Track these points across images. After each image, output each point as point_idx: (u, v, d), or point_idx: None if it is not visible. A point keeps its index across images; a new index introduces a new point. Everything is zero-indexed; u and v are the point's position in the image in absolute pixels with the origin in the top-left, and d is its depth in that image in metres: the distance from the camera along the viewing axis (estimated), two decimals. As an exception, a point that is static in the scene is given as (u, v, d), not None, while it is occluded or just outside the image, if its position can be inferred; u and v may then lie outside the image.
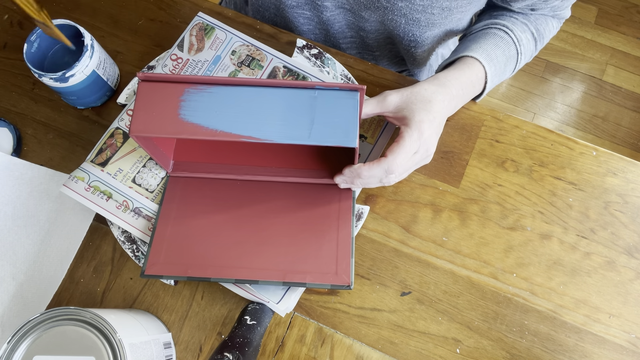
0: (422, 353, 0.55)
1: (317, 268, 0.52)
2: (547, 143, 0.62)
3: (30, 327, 0.41)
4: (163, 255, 0.53)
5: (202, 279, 0.52)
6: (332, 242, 0.54)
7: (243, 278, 0.52)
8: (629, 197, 0.60)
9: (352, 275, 0.52)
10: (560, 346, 0.55)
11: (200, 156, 0.58)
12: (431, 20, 0.60)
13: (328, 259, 0.53)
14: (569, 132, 1.60)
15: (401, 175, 0.54)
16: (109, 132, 0.59)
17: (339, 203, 0.56)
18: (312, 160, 0.58)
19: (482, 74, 0.59)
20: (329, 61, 0.63)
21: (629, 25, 1.72)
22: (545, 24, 0.64)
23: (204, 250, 0.53)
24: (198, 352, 0.55)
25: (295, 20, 0.69)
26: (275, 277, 0.52)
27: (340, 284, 0.52)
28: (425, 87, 0.54)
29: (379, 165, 0.51)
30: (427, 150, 0.54)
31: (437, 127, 0.53)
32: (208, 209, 0.56)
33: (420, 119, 0.52)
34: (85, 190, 0.56)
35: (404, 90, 0.54)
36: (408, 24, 0.61)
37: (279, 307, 0.53)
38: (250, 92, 0.48)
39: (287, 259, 0.53)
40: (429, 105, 0.53)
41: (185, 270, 0.52)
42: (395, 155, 0.51)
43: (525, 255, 0.58)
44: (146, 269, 0.52)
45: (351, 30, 0.70)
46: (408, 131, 0.51)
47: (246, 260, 0.53)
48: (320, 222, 0.55)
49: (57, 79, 0.55)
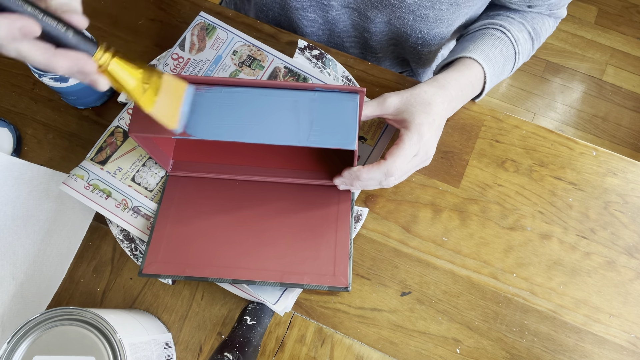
0: (422, 353, 0.55)
1: (315, 269, 0.52)
2: (547, 143, 0.62)
3: (30, 327, 0.41)
4: (161, 254, 0.53)
5: (200, 278, 0.52)
6: (331, 244, 0.54)
7: (240, 278, 0.52)
8: (629, 197, 0.60)
9: (349, 277, 0.52)
10: (560, 346, 0.55)
11: (200, 156, 0.58)
12: (439, 17, 0.60)
13: (326, 261, 0.53)
14: (569, 132, 1.60)
15: (400, 178, 0.54)
16: (109, 131, 0.59)
17: (338, 205, 0.56)
18: (311, 161, 0.58)
19: (481, 75, 0.59)
20: (330, 62, 0.63)
21: (629, 25, 1.72)
22: (542, 23, 0.64)
23: (202, 250, 0.53)
24: (198, 352, 0.55)
25: (299, 22, 0.69)
26: (273, 278, 0.52)
27: (337, 286, 0.51)
28: (424, 90, 0.54)
29: (378, 168, 0.51)
30: (427, 153, 0.54)
31: (436, 129, 0.53)
32: (207, 209, 0.56)
33: (420, 121, 0.52)
34: (84, 189, 0.56)
35: (403, 93, 0.54)
36: (416, 20, 0.61)
37: (276, 307, 0.53)
38: (249, 93, 0.48)
39: (285, 260, 0.53)
40: (428, 107, 0.53)
41: (183, 269, 0.52)
42: (394, 158, 0.51)
43: (525, 255, 0.58)
44: (144, 267, 0.52)
45: (355, 31, 0.70)
46: (408, 134, 0.51)
47: (244, 260, 0.53)
48: (319, 223, 0.55)
49: (57, 79, 0.55)
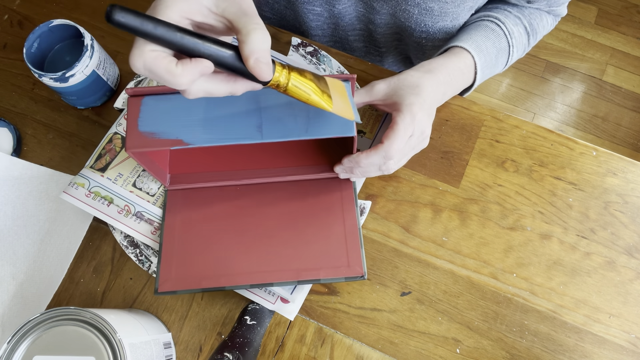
0: (422, 353, 0.55)
1: (329, 263, 0.53)
2: (547, 143, 0.62)
3: (30, 327, 0.41)
4: (174, 270, 0.53)
5: (217, 288, 0.52)
6: (340, 235, 0.54)
7: (257, 282, 0.52)
8: (629, 197, 0.60)
9: (364, 265, 0.52)
10: (560, 346, 0.55)
11: (196, 166, 0.58)
12: (444, 10, 0.60)
13: (338, 252, 0.53)
14: (569, 132, 1.60)
15: (400, 162, 0.54)
16: (107, 138, 0.59)
17: (341, 192, 0.56)
18: (309, 155, 0.58)
19: (471, 63, 0.59)
20: (325, 58, 0.63)
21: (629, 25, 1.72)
22: (540, 19, 0.64)
23: (213, 260, 0.53)
24: (198, 352, 0.55)
25: (304, 16, 0.69)
26: (289, 277, 0.52)
27: (354, 276, 0.52)
28: (411, 74, 0.54)
29: (376, 152, 0.51)
30: (423, 133, 0.54)
31: (428, 108, 0.54)
32: (212, 218, 0.55)
33: (411, 102, 0.52)
34: (86, 197, 0.56)
35: (390, 79, 0.55)
36: (421, 13, 0.61)
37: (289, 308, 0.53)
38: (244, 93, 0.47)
39: (298, 258, 0.53)
40: (417, 89, 0.53)
41: (198, 282, 0.52)
42: (391, 141, 0.51)
43: (525, 255, 0.58)
44: (159, 286, 0.52)
45: (360, 23, 0.70)
46: (400, 115, 0.52)
47: (257, 264, 0.53)
48: (325, 215, 0.55)
49: (57, 79, 0.55)
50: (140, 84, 0.62)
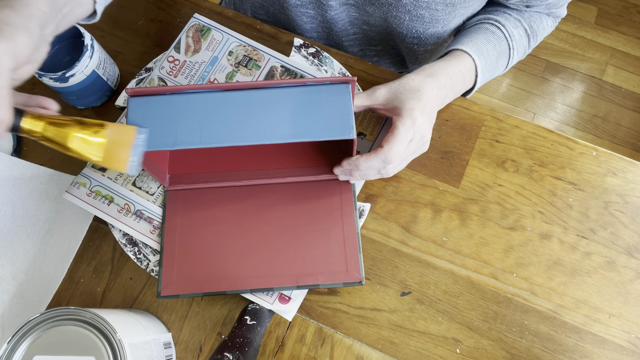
0: (422, 353, 0.55)
1: (328, 268, 0.53)
2: (547, 143, 0.62)
3: (30, 327, 0.41)
4: (175, 274, 0.53)
5: (218, 293, 0.52)
6: (339, 240, 0.54)
7: (258, 287, 0.52)
8: (629, 197, 0.60)
9: (362, 270, 0.53)
10: (560, 346, 0.55)
11: (195, 167, 0.58)
12: (435, 17, 0.60)
13: (337, 258, 0.53)
14: (569, 132, 1.60)
15: (399, 166, 0.54)
16: None
17: (341, 196, 0.56)
18: (309, 157, 0.58)
19: (472, 66, 0.59)
20: (327, 59, 0.63)
21: (629, 25, 1.72)
22: (540, 21, 0.64)
23: (215, 264, 0.53)
24: (198, 352, 0.55)
25: (298, 19, 0.69)
26: (289, 282, 0.52)
27: (352, 281, 0.52)
28: (412, 78, 0.54)
29: (376, 156, 0.51)
30: (423, 137, 0.54)
31: (428, 113, 0.54)
32: (212, 221, 0.56)
33: (411, 106, 0.52)
34: (87, 196, 0.56)
35: (391, 83, 0.55)
36: (412, 20, 0.61)
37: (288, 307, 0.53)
38: (243, 95, 0.47)
39: (297, 263, 0.53)
40: (418, 93, 0.53)
41: (200, 286, 0.53)
42: (391, 145, 0.51)
43: (525, 255, 0.58)
44: (161, 290, 0.53)
45: (354, 27, 0.70)
46: (401, 120, 0.52)
47: (258, 268, 0.53)
48: (325, 219, 0.55)
49: (57, 79, 0.55)
50: (140, 83, 0.62)
